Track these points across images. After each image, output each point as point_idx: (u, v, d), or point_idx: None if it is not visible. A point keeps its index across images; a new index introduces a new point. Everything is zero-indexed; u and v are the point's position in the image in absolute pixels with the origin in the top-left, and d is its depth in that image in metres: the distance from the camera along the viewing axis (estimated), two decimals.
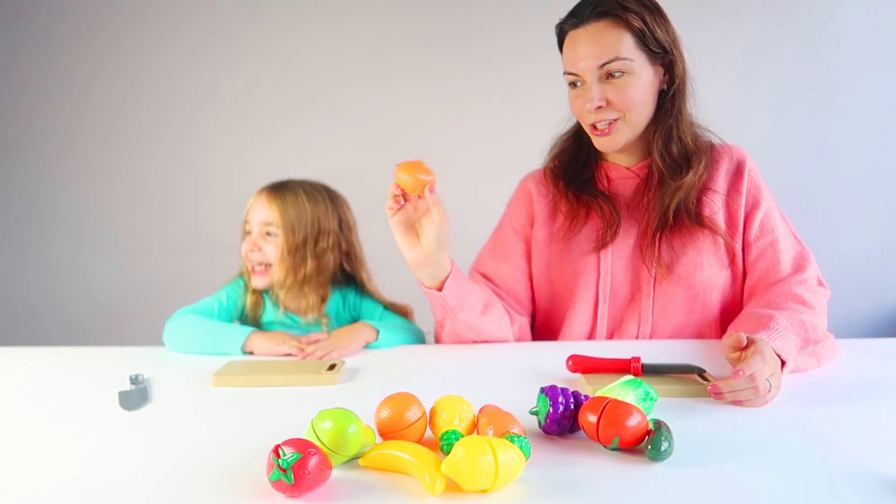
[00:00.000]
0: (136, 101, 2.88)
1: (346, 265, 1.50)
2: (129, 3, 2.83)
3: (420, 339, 1.41)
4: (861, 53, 2.78)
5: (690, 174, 1.27)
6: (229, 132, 2.87)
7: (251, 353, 1.27)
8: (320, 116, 2.80)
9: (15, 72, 2.86)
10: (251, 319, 1.48)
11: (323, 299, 1.46)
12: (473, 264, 1.46)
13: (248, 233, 1.44)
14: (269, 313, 1.47)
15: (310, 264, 1.43)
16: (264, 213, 1.42)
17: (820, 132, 2.84)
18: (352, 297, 1.51)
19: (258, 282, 1.44)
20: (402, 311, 1.52)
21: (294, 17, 2.80)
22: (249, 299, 1.47)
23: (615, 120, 1.27)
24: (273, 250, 1.42)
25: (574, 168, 1.38)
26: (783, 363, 1.04)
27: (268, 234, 1.43)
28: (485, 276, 1.41)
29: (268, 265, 1.43)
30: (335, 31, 2.80)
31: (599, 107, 1.25)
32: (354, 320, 1.47)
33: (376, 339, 1.30)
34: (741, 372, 0.94)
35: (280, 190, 1.44)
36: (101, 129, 2.90)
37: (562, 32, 1.30)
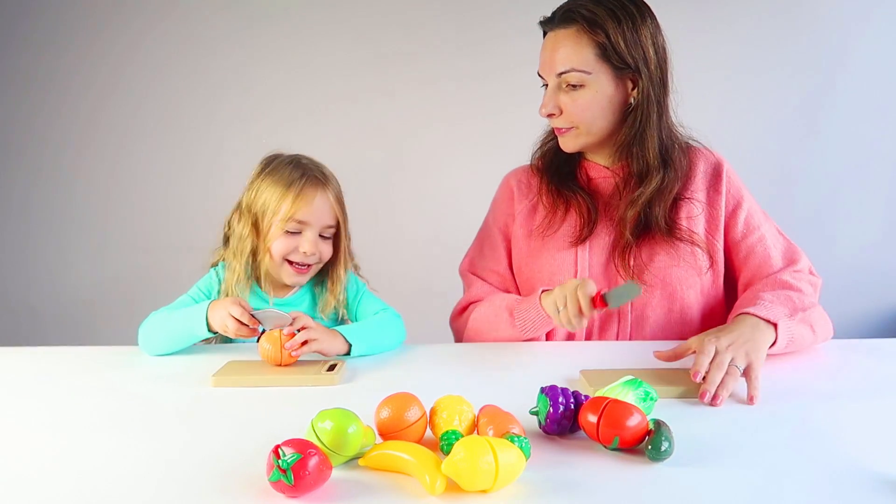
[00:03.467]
0: (141, 103, 2.87)
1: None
2: (132, 7, 2.83)
3: (398, 333, 1.30)
4: (858, 50, 2.78)
5: (640, 189, 1.28)
6: (234, 134, 2.87)
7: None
8: (322, 124, 2.80)
9: (16, 71, 2.86)
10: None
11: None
12: (465, 265, 1.46)
13: (296, 232, 1.31)
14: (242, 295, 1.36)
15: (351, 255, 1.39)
16: (330, 214, 1.32)
17: (817, 132, 2.84)
18: (353, 283, 1.43)
19: (300, 279, 1.35)
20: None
21: (301, 30, 2.82)
22: (235, 288, 1.34)
23: (570, 127, 1.29)
24: (328, 250, 1.34)
25: (557, 162, 1.39)
26: (775, 326, 1.08)
27: (321, 235, 1.33)
28: (479, 277, 1.42)
29: (312, 264, 1.34)
30: (340, 43, 2.82)
31: (551, 114, 1.28)
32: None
33: (346, 354, 1.20)
34: (697, 374, 0.98)
35: (331, 185, 1.34)
36: (103, 129, 2.90)
37: (543, 32, 1.32)
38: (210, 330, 1.21)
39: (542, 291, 1.24)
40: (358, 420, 0.77)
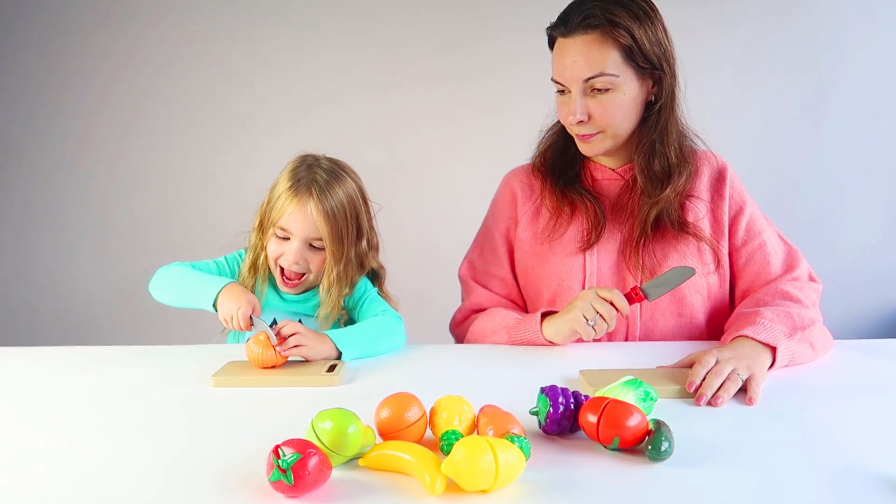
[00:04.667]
0: (141, 103, 2.88)
1: (376, 258, 1.40)
2: (132, 6, 2.83)
3: (396, 337, 1.28)
4: (859, 51, 2.78)
5: (669, 189, 1.27)
6: (234, 135, 2.87)
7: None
8: (321, 124, 2.80)
9: (16, 71, 2.86)
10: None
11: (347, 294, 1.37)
12: (464, 270, 1.45)
13: (285, 238, 1.30)
14: (258, 291, 1.38)
15: (354, 269, 1.34)
16: (312, 227, 1.28)
17: (818, 133, 2.84)
18: (361, 285, 1.39)
19: (291, 290, 1.35)
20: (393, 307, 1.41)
21: (300, 30, 2.82)
22: (248, 280, 1.36)
23: (597, 132, 1.28)
24: (318, 262, 1.31)
25: (561, 164, 1.38)
26: (773, 349, 1.07)
27: (312, 245, 1.30)
28: (479, 284, 1.41)
29: (302, 274, 1.33)
30: (340, 43, 2.83)
31: (581, 121, 1.26)
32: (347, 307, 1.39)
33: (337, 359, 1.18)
34: (692, 384, 0.98)
35: (326, 198, 1.28)
36: (104, 130, 2.90)
37: (551, 37, 1.29)
38: (214, 307, 1.21)
39: (543, 316, 1.23)
40: (358, 420, 0.77)
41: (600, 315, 1.15)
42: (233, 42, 2.83)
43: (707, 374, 0.99)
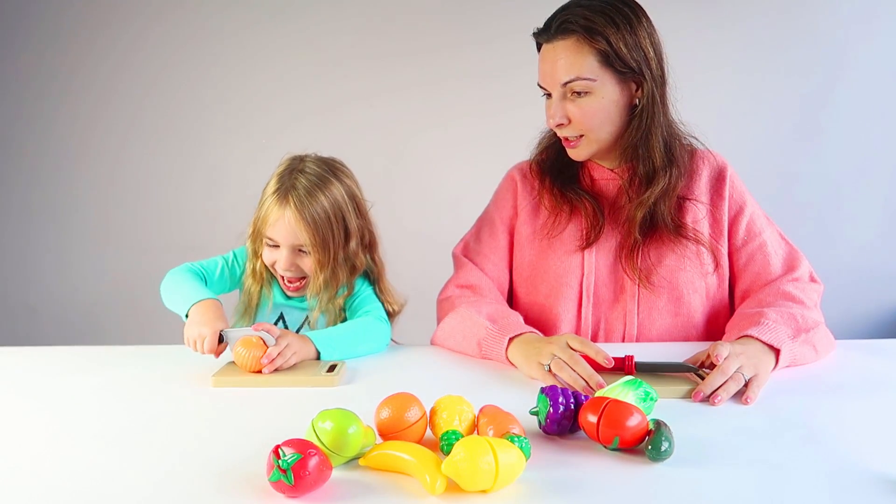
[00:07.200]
0: (141, 103, 2.87)
1: (369, 257, 1.41)
2: (133, 7, 2.83)
3: (377, 339, 1.29)
4: (859, 51, 2.78)
5: (649, 191, 1.27)
6: (234, 135, 2.87)
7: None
8: (322, 125, 2.80)
9: (16, 71, 2.86)
10: (249, 297, 1.40)
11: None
12: (459, 249, 1.45)
13: (275, 246, 1.31)
14: (263, 294, 1.39)
15: (345, 271, 1.34)
16: (294, 235, 1.28)
17: (818, 132, 2.84)
18: (357, 284, 1.41)
19: (295, 294, 1.37)
20: (392, 306, 1.42)
21: (301, 30, 2.82)
22: (253, 287, 1.38)
23: (579, 136, 1.28)
24: (309, 263, 1.32)
25: (559, 164, 1.38)
26: (777, 351, 1.07)
27: (301, 250, 1.31)
28: (472, 262, 1.41)
29: (302, 277, 1.34)
30: (340, 43, 2.83)
31: (560, 124, 1.27)
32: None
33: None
34: (700, 393, 0.98)
35: (305, 206, 1.27)
36: (104, 130, 2.90)
37: (537, 43, 1.31)
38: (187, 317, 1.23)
39: (510, 339, 1.16)
40: (358, 420, 0.77)
41: (563, 360, 1.05)
42: (233, 42, 2.83)
43: (715, 370, 1.00)
